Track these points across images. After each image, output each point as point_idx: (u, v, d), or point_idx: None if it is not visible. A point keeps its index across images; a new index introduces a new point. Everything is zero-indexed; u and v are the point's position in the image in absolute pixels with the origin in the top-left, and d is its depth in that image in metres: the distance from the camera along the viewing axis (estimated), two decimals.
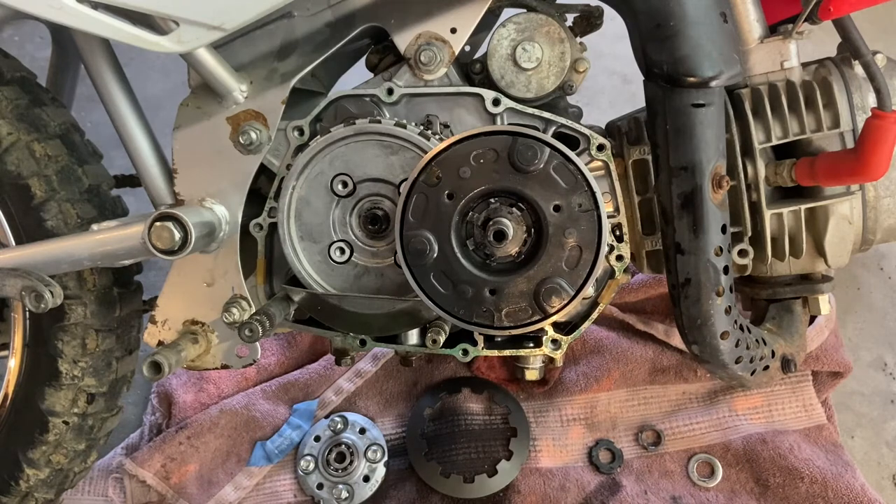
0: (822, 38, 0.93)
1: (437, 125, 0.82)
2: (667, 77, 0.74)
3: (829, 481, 1.16)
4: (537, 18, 0.82)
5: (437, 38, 0.81)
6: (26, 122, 0.88)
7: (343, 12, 0.83)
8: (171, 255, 0.79)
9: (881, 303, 1.49)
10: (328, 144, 0.79)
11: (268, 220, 0.85)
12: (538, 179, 0.72)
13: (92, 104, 0.91)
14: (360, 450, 1.26)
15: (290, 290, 0.84)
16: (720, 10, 0.74)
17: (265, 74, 0.85)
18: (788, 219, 0.88)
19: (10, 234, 0.90)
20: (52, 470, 0.98)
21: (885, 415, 1.37)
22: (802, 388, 1.30)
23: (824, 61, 0.90)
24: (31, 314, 0.93)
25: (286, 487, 1.27)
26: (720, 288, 0.79)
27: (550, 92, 0.84)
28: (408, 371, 1.36)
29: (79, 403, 0.95)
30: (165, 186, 0.89)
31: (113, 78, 0.87)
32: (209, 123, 0.85)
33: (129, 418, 1.40)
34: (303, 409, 1.32)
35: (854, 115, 0.86)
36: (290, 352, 1.42)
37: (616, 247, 0.84)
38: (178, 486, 1.25)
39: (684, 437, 1.27)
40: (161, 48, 0.73)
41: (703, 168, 0.75)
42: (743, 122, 0.86)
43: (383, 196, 0.82)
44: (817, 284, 0.97)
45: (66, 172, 0.89)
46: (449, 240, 0.73)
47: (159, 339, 0.93)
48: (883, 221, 0.91)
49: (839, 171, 0.81)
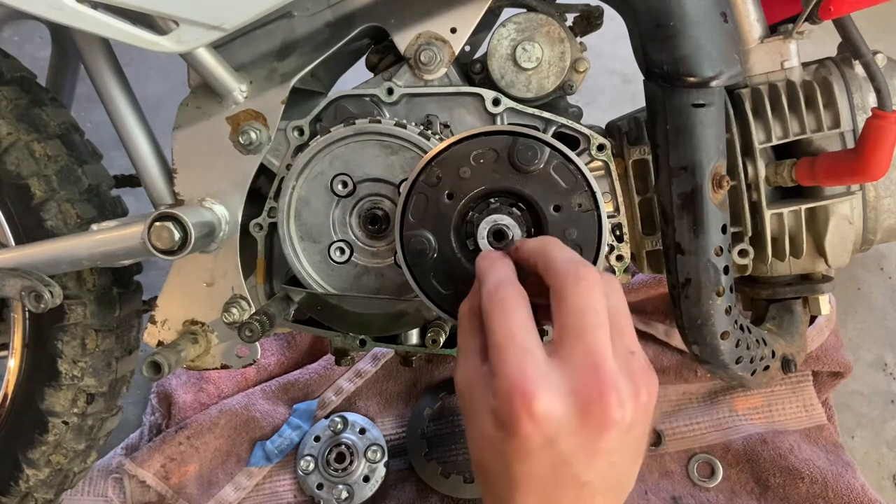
0: (823, 38, 0.93)
1: (437, 125, 0.82)
2: (667, 77, 0.74)
3: (829, 481, 1.16)
4: (537, 18, 0.82)
5: (437, 38, 0.81)
6: (26, 121, 0.88)
7: (343, 12, 0.83)
8: (170, 255, 0.79)
9: (881, 303, 1.49)
10: (328, 144, 0.79)
11: (268, 220, 0.85)
12: (538, 179, 0.72)
13: (92, 104, 0.91)
14: (360, 450, 1.26)
15: (289, 290, 0.84)
16: (720, 10, 0.74)
17: (265, 74, 0.84)
18: (789, 219, 0.88)
19: (10, 234, 0.90)
20: (52, 470, 0.98)
21: (886, 415, 1.36)
22: (803, 389, 1.30)
23: (825, 61, 0.90)
24: (31, 314, 0.93)
25: (286, 487, 1.27)
26: (720, 288, 0.79)
27: (550, 92, 0.84)
28: (408, 371, 1.36)
29: (78, 403, 0.95)
30: (165, 186, 0.89)
31: (113, 78, 0.87)
32: (209, 123, 0.85)
33: (128, 418, 1.40)
34: (303, 409, 1.32)
35: (854, 115, 0.86)
36: (290, 352, 1.42)
37: (616, 247, 0.84)
38: (177, 486, 1.25)
39: (684, 438, 1.27)
40: (161, 48, 0.72)
41: (704, 168, 0.75)
42: (743, 122, 0.86)
43: (383, 196, 0.82)
44: (818, 284, 0.97)
45: (65, 172, 0.89)
46: (449, 240, 0.73)
47: (159, 339, 0.93)
48: (883, 221, 0.91)
49: (839, 171, 0.80)
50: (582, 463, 0.50)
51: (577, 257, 0.57)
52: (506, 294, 0.54)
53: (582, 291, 0.53)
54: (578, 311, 0.52)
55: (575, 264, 0.55)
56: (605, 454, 0.50)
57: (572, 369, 0.50)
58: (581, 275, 0.54)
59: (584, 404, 0.49)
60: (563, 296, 0.53)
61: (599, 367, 0.50)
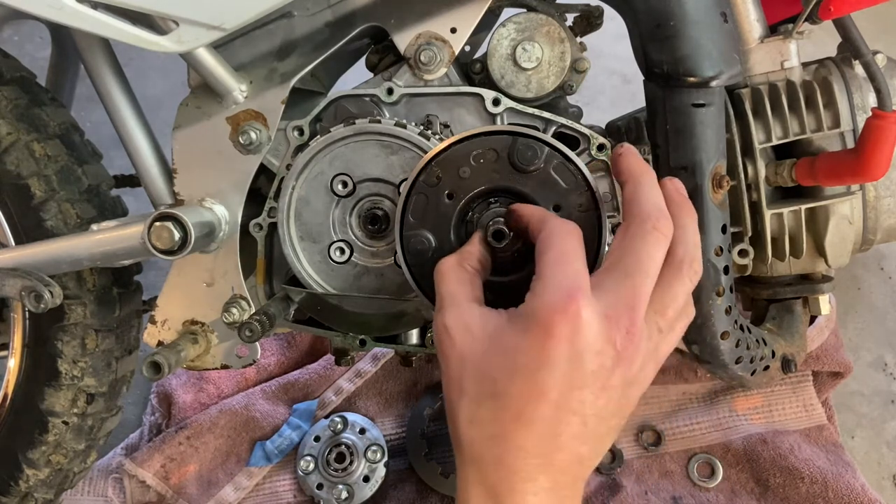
0: (823, 38, 0.93)
1: (437, 125, 0.82)
2: (667, 77, 0.74)
3: (829, 481, 1.16)
4: (537, 18, 0.82)
5: (437, 38, 0.81)
6: (26, 121, 0.88)
7: (343, 12, 0.83)
8: (170, 255, 0.79)
9: (881, 303, 1.49)
10: (328, 144, 0.79)
11: (268, 220, 0.85)
12: (538, 179, 0.72)
13: (92, 104, 0.91)
14: (359, 450, 1.26)
15: (289, 290, 0.84)
16: (720, 10, 0.74)
17: (265, 74, 0.84)
18: (789, 219, 0.88)
19: (10, 234, 0.90)
20: (52, 470, 0.98)
21: (886, 415, 1.37)
22: (803, 389, 1.30)
23: (825, 61, 0.90)
24: (31, 314, 0.93)
25: (286, 488, 1.27)
26: (720, 288, 0.79)
27: (550, 92, 0.84)
28: (408, 371, 1.36)
29: (78, 403, 0.95)
30: (165, 186, 0.89)
31: (113, 78, 0.87)
32: (209, 123, 0.85)
33: (128, 418, 1.40)
34: (303, 409, 1.32)
35: (854, 114, 0.86)
36: (290, 352, 1.42)
37: None
38: (177, 486, 1.25)
39: (685, 438, 1.27)
40: (161, 48, 0.72)
41: (704, 168, 0.75)
42: (743, 121, 0.86)
43: (383, 196, 0.82)
44: (818, 284, 0.97)
45: (65, 172, 0.89)
46: (449, 240, 0.73)
47: (159, 339, 0.93)
48: (883, 221, 0.91)
49: (839, 171, 0.81)
50: (594, 391, 0.50)
51: (664, 207, 0.57)
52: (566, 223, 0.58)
53: (651, 240, 0.54)
54: (639, 254, 0.53)
55: (658, 212, 0.56)
56: (611, 391, 0.51)
57: (614, 299, 0.51)
58: (659, 227, 0.55)
59: (611, 332, 0.50)
60: (632, 233, 0.55)
61: (635, 310, 0.51)
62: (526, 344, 0.50)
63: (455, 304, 0.57)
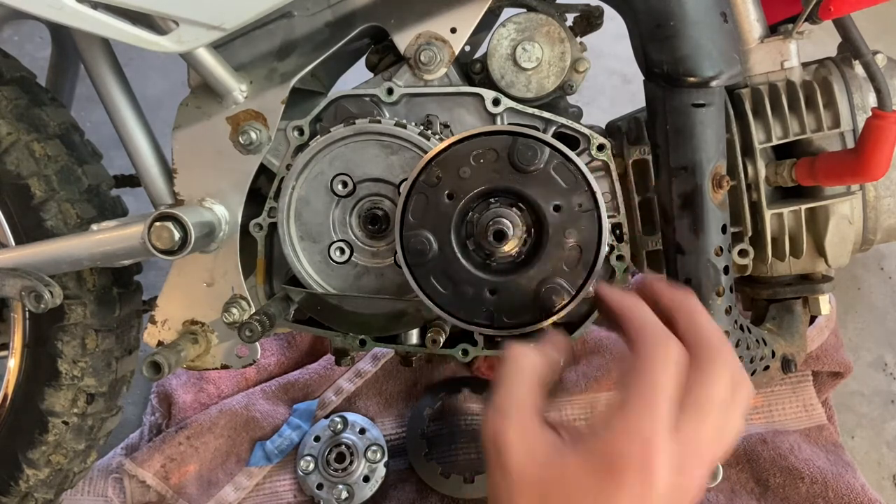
0: (823, 38, 0.93)
1: (437, 125, 0.82)
2: (667, 77, 0.74)
3: (829, 481, 1.16)
4: (537, 18, 0.82)
5: (437, 38, 0.81)
6: (26, 121, 0.88)
7: (343, 12, 0.83)
8: (170, 255, 0.79)
9: (882, 303, 1.49)
10: (328, 144, 0.79)
11: (268, 220, 0.85)
12: (538, 179, 0.72)
13: (92, 104, 0.91)
14: (360, 450, 1.26)
15: (290, 290, 0.84)
16: (720, 10, 0.74)
17: (265, 74, 0.84)
18: (789, 219, 0.88)
19: (10, 234, 0.90)
20: (52, 470, 0.98)
21: (886, 415, 1.37)
22: (803, 389, 1.30)
23: (825, 61, 0.90)
24: (31, 314, 0.93)
25: (286, 488, 1.27)
26: (720, 288, 0.79)
27: (550, 92, 0.84)
28: (408, 371, 1.36)
29: (78, 403, 0.95)
30: (165, 186, 0.89)
31: (113, 78, 0.87)
32: (209, 123, 0.85)
33: (128, 418, 1.40)
34: (303, 409, 1.32)
35: (854, 114, 0.86)
36: (290, 352, 1.42)
37: (616, 247, 0.84)
38: (177, 486, 1.25)
39: None
40: (161, 48, 0.72)
41: (704, 168, 0.75)
42: (743, 121, 0.86)
43: (383, 196, 0.82)
44: (818, 284, 0.97)
45: (65, 172, 0.89)
46: (449, 240, 0.73)
47: (159, 339, 0.93)
48: (883, 221, 0.91)
49: (839, 171, 0.80)
50: None
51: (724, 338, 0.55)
52: (668, 347, 0.52)
53: (724, 382, 0.52)
54: (713, 398, 0.51)
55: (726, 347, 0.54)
56: None
57: (687, 446, 0.49)
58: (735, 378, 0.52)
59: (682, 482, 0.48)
60: (708, 372, 0.52)
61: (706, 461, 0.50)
62: (589, 483, 0.48)
63: (522, 417, 0.53)
